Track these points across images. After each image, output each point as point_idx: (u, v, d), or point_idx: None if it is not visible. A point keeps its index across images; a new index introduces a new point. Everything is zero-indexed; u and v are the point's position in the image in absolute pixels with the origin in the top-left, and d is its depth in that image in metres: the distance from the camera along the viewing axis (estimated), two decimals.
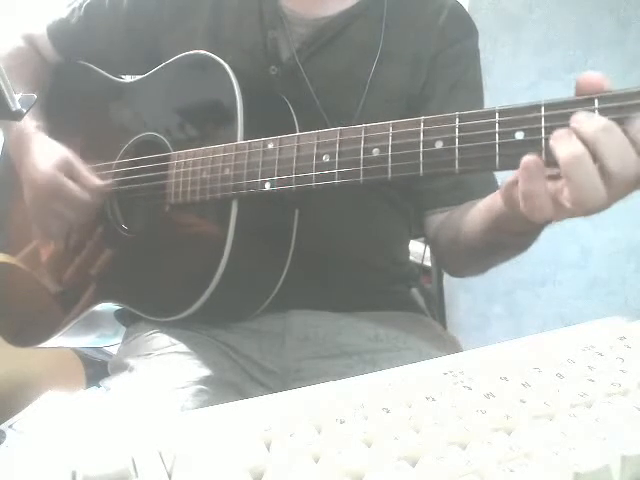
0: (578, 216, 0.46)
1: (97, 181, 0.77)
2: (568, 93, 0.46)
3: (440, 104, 0.75)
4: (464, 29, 0.80)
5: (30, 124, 0.82)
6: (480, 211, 0.63)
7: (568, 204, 0.44)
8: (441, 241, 0.76)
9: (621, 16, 1.35)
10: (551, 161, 0.45)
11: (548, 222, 0.52)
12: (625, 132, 0.43)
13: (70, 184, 0.75)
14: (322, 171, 0.58)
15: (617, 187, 0.43)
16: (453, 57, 0.77)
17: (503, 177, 0.51)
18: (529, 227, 0.52)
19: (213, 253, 0.65)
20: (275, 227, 0.73)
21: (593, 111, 0.44)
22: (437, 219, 0.76)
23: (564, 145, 0.44)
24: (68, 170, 0.76)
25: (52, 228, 0.81)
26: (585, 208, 0.44)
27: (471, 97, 0.78)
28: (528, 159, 0.45)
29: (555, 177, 0.45)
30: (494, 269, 0.71)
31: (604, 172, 0.43)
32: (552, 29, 1.45)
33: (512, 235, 0.57)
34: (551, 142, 0.45)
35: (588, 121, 0.43)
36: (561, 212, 0.46)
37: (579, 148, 0.43)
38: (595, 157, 0.43)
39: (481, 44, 0.81)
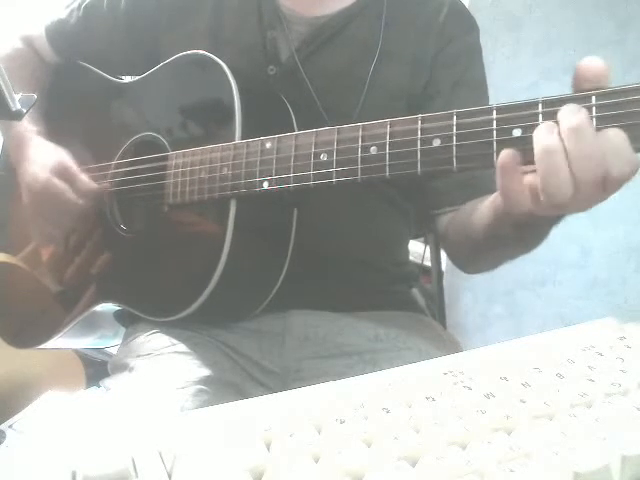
0: (555, 212, 0.47)
1: (91, 184, 0.77)
2: (570, 90, 0.46)
3: (444, 103, 0.74)
4: (464, 26, 0.79)
5: (30, 128, 0.82)
6: (485, 205, 0.63)
7: (541, 197, 0.45)
8: (450, 237, 0.76)
9: (621, 16, 1.35)
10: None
11: (551, 220, 0.53)
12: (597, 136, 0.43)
13: (63, 188, 0.75)
14: (320, 170, 0.58)
15: (580, 190, 0.44)
16: (454, 55, 0.77)
17: None
18: (528, 218, 0.52)
19: (212, 253, 0.65)
20: (274, 227, 0.73)
21: (591, 108, 0.44)
22: (446, 218, 0.76)
23: (541, 137, 0.44)
24: (62, 174, 0.76)
25: (48, 232, 0.81)
26: (553, 203, 0.45)
27: (474, 94, 0.77)
28: (504, 158, 0.46)
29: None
30: None
31: (571, 173, 0.43)
32: (552, 29, 1.45)
33: (511, 227, 0.57)
34: (534, 133, 0.45)
35: (567, 117, 0.44)
36: (538, 206, 0.46)
37: (553, 142, 0.43)
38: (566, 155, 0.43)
39: (481, 44, 0.81)
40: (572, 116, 0.43)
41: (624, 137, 0.42)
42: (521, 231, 0.57)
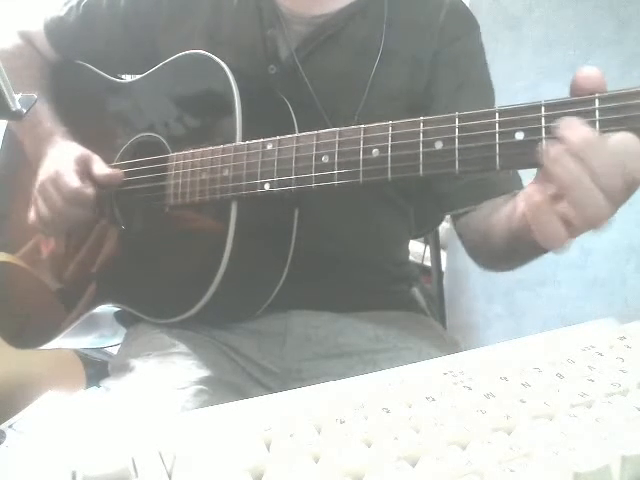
0: (589, 230, 0.47)
1: (108, 171, 0.76)
2: (568, 93, 0.46)
3: (447, 103, 0.74)
4: (464, 25, 0.79)
5: (59, 129, 0.81)
6: (502, 219, 0.62)
7: (578, 223, 0.44)
8: (468, 241, 0.76)
9: (621, 16, 1.35)
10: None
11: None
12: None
13: (68, 175, 0.73)
14: (321, 172, 0.58)
15: (615, 197, 0.44)
16: (456, 56, 0.76)
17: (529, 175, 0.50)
18: None
19: (213, 254, 0.65)
20: (275, 227, 0.73)
21: (594, 111, 0.44)
22: (463, 220, 0.75)
23: (560, 167, 0.43)
24: (82, 163, 0.75)
25: (42, 214, 0.78)
26: (594, 223, 0.45)
27: (479, 96, 0.77)
28: (532, 198, 0.45)
29: (559, 197, 0.45)
30: None
31: (601, 186, 0.43)
32: (552, 29, 1.45)
33: (530, 246, 0.57)
34: (546, 164, 0.44)
35: (576, 135, 0.43)
36: (575, 231, 0.46)
37: (575, 168, 0.43)
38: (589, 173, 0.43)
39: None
40: (578, 130, 0.43)
41: (636, 139, 0.42)
42: (539, 249, 0.57)
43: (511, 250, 0.62)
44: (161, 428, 0.34)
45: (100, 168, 0.76)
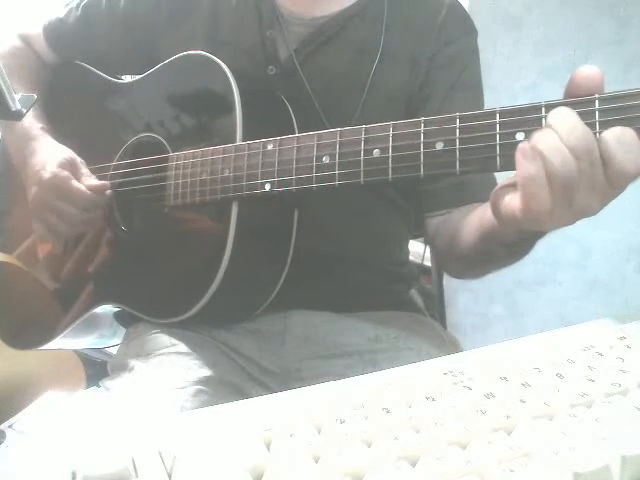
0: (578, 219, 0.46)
1: (98, 182, 0.76)
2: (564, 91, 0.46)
3: (439, 104, 0.75)
4: (462, 28, 0.79)
5: (35, 125, 0.81)
6: (473, 220, 0.63)
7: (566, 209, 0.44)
8: (439, 244, 0.76)
9: (621, 16, 1.35)
10: None
11: (538, 235, 0.52)
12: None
13: (75, 183, 0.74)
14: (322, 172, 0.58)
15: (604, 189, 0.43)
16: (451, 57, 0.77)
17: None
18: (517, 238, 0.52)
19: (214, 254, 0.65)
20: (275, 227, 0.73)
21: (594, 112, 0.44)
22: (436, 221, 0.76)
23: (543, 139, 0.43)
24: (73, 170, 0.75)
25: (54, 228, 0.79)
26: (581, 214, 0.44)
27: (471, 97, 0.78)
28: (524, 144, 0.44)
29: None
30: None
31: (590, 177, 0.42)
32: (552, 29, 1.45)
33: (501, 246, 0.57)
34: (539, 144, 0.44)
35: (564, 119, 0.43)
36: (561, 218, 0.45)
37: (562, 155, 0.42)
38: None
39: (481, 44, 0.81)
40: (570, 116, 0.43)
41: (632, 132, 0.42)
42: (509, 248, 0.57)
43: (481, 252, 0.62)
44: (161, 428, 0.34)
45: (88, 180, 0.76)
